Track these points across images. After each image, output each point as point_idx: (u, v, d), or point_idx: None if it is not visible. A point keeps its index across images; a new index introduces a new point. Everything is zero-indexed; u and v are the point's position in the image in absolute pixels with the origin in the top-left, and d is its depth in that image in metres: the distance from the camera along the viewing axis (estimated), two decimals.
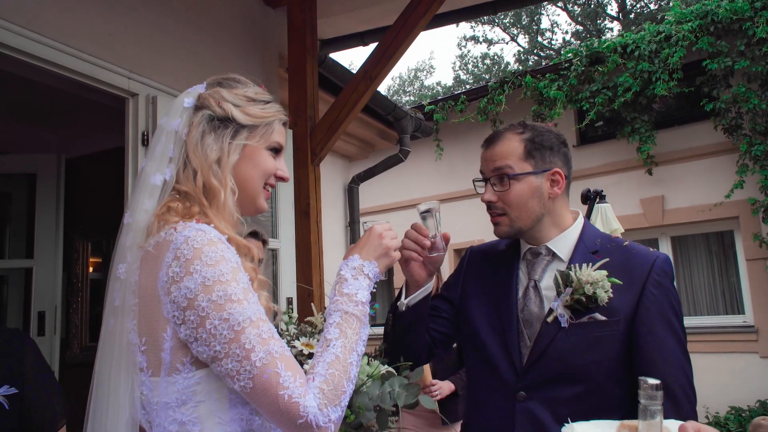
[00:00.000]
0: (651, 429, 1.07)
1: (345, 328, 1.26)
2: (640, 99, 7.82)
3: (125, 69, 3.35)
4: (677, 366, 1.63)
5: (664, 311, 1.66)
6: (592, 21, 24.21)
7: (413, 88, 30.43)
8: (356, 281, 1.34)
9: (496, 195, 1.78)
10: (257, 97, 1.41)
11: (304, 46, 4.18)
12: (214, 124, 1.34)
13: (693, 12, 7.59)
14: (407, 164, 7.44)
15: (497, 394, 1.74)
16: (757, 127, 7.07)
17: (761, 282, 7.34)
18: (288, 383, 1.12)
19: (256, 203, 1.40)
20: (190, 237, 1.17)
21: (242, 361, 1.12)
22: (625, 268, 1.69)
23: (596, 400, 1.63)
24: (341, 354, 1.22)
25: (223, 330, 1.13)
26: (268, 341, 1.15)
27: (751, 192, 7.21)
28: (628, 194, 8.11)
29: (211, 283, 1.14)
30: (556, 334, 1.67)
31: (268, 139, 1.39)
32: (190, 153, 1.32)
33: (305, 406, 1.12)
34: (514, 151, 1.78)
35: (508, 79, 8.81)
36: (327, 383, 1.17)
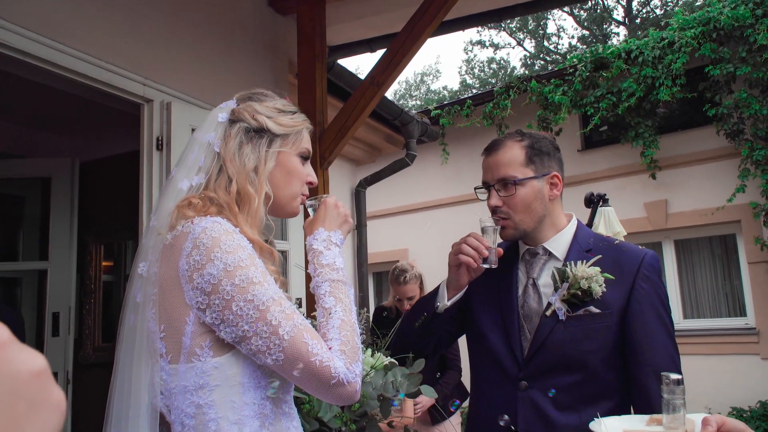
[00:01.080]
0: (674, 422, 1.16)
1: (338, 294, 1.38)
2: (643, 104, 7.91)
3: (140, 75, 3.47)
4: (665, 354, 1.76)
5: (654, 303, 1.80)
6: (598, 26, 24.29)
7: (420, 93, 30.55)
8: (329, 251, 1.45)
9: (501, 200, 1.91)
10: (286, 108, 1.53)
11: (313, 53, 4.29)
12: (251, 135, 1.45)
13: (696, 19, 7.68)
14: (413, 168, 7.54)
15: (500, 384, 1.87)
16: (758, 132, 7.15)
17: (763, 285, 7.41)
18: (316, 350, 1.24)
19: (290, 207, 1.52)
20: (207, 227, 1.27)
21: (270, 337, 1.23)
22: (617, 264, 1.82)
23: (592, 387, 1.77)
24: (345, 317, 1.34)
25: (249, 310, 1.23)
26: (292, 316, 1.26)
27: (752, 196, 7.29)
28: (632, 198, 8.19)
29: (232, 268, 1.23)
30: (554, 327, 1.80)
31: (299, 146, 1.51)
32: (227, 162, 1.43)
33: (335, 367, 1.24)
34: (516, 158, 1.92)
35: (513, 84, 8.91)
36: (344, 345, 1.29)
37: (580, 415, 1.75)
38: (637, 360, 1.77)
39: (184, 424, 1.28)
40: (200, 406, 1.26)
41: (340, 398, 1.28)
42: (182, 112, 3.61)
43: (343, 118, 4.25)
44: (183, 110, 3.62)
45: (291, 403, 1.43)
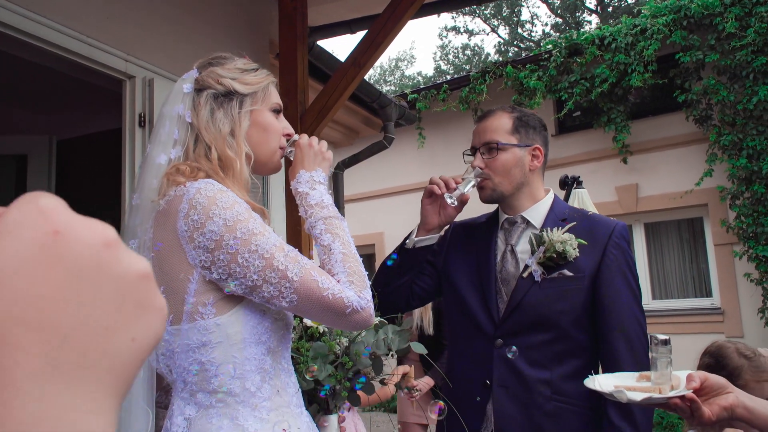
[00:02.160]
0: (661, 378, 1.26)
1: (333, 230, 1.42)
2: (616, 90, 8.08)
3: (123, 51, 3.46)
4: (631, 315, 1.90)
5: (622, 269, 1.94)
6: (571, 13, 24.51)
7: (394, 78, 30.53)
8: (315, 191, 1.48)
9: (484, 162, 2.04)
10: (247, 67, 1.54)
11: (295, 33, 4.32)
12: (220, 100, 1.46)
13: (667, 6, 7.86)
14: (390, 152, 7.59)
15: (478, 343, 1.99)
16: (725, 118, 7.37)
17: (728, 266, 7.67)
18: (327, 284, 1.29)
19: (273, 162, 1.55)
20: (201, 188, 1.29)
21: (281, 281, 1.27)
22: (589, 232, 1.96)
23: (562, 346, 1.91)
24: (345, 250, 1.38)
25: (254, 260, 1.26)
26: (297, 258, 1.30)
27: (719, 180, 7.52)
28: (604, 182, 8.38)
29: (232, 223, 1.26)
30: (530, 288, 1.93)
31: (269, 102, 1.52)
32: (202, 131, 1.44)
33: (347, 297, 1.29)
34: (503, 126, 2.05)
35: (489, 69, 9.01)
36: (351, 275, 1.34)
37: (550, 371, 1.89)
38: (606, 321, 1.90)
39: (186, 381, 1.31)
40: (203, 363, 1.29)
41: (357, 324, 1.34)
42: (165, 89, 3.61)
43: (325, 98, 4.29)
44: (166, 87, 3.62)
45: (289, 359, 1.48)
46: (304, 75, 4.39)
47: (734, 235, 7.39)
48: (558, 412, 1.87)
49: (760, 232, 7.00)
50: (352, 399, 1.72)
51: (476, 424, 1.91)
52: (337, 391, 1.70)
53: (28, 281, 0.29)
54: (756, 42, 7.04)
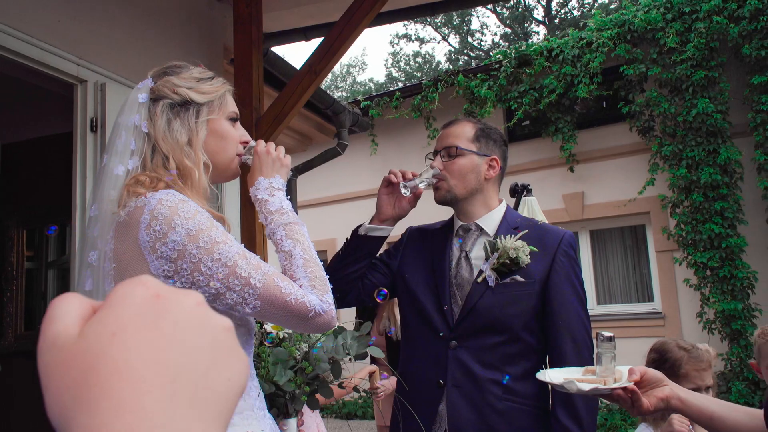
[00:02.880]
0: (606, 371, 1.36)
1: (294, 235, 1.44)
2: (563, 100, 8.32)
3: (74, 55, 3.39)
4: (578, 319, 2.01)
5: (569, 275, 2.05)
6: (519, 24, 25.08)
7: (346, 84, 30.58)
8: (274, 197, 1.50)
9: (443, 164, 2.13)
10: (203, 76, 1.54)
11: (250, 39, 4.30)
12: (177, 109, 1.46)
13: (612, 21, 8.14)
14: (343, 159, 7.61)
15: (432, 344, 2.06)
16: (666, 129, 7.68)
17: (668, 272, 7.98)
18: (289, 289, 1.31)
19: (230, 170, 1.56)
20: (163, 198, 1.29)
21: (244, 288, 1.28)
22: (540, 240, 2.06)
23: (513, 348, 1.99)
24: (306, 255, 1.41)
25: (217, 269, 1.27)
26: (260, 265, 1.31)
27: (660, 189, 7.83)
28: (552, 190, 8.60)
29: (194, 232, 1.27)
30: (484, 292, 2.01)
31: (226, 110, 1.53)
32: (159, 141, 1.43)
33: (310, 301, 1.32)
34: (465, 133, 2.16)
35: (441, 77, 9.15)
36: (312, 280, 1.37)
37: (501, 372, 1.97)
38: (554, 323, 2.00)
39: None
40: None
41: (320, 327, 1.36)
42: (117, 94, 3.55)
43: (280, 104, 4.28)
44: (118, 92, 3.56)
45: (251, 363, 1.50)
46: (259, 81, 4.37)
47: (674, 242, 7.69)
48: (509, 411, 1.94)
49: (699, 239, 7.31)
50: (311, 403, 1.74)
51: (429, 423, 1.98)
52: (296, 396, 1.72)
53: (142, 330, 0.34)
54: (695, 56, 7.37)
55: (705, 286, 7.38)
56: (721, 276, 7.17)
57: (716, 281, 7.23)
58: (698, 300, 7.47)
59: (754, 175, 7.31)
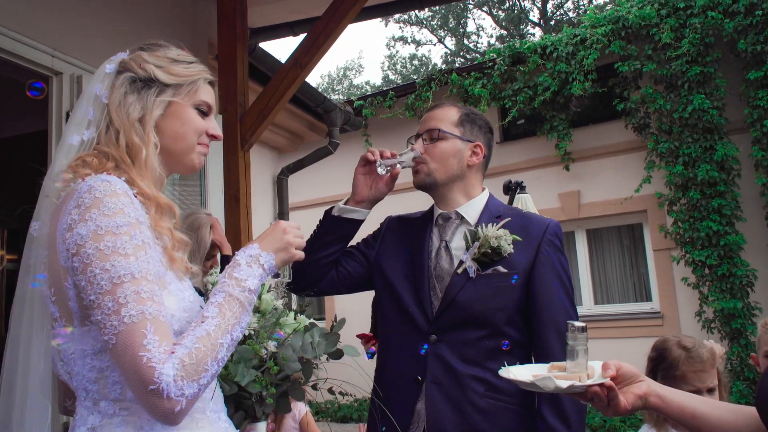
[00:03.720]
0: (577, 367, 1.22)
1: (225, 310, 1.23)
2: (558, 98, 8.22)
3: (49, 47, 3.28)
4: (564, 312, 1.89)
5: (555, 266, 1.94)
6: (515, 26, 25.02)
7: (342, 87, 30.51)
8: (249, 268, 1.31)
9: (424, 147, 2.04)
10: (180, 58, 1.45)
11: (234, 33, 4.20)
12: (137, 84, 1.38)
13: (606, 17, 8.05)
14: (336, 159, 7.52)
15: (411, 338, 1.95)
16: (662, 126, 7.58)
17: (666, 271, 7.87)
18: (151, 346, 1.10)
19: (187, 160, 1.44)
20: (94, 186, 1.19)
21: (111, 316, 1.12)
22: (524, 230, 1.95)
23: (495, 342, 1.88)
24: (213, 332, 1.18)
25: (101, 280, 1.13)
26: (145, 301, 1.14)
27: (657, 186, 7.72)
28: (547, 189, 8.50)
29: (102, 232, 1.15)
30: (465, 284, 1.90)
31: (194, 97, 1.42)
32: (112, 114, 1.35)
33: (161, 372, 1.09)
34: (449, 117, 2.07)
35: (434, 76, 9.06)
36: (190, 356, 1.13)
37: (483, 368, 1.85)
38: (539, 317, 1.90)
39: (87, 389, 1.21)
40: (101, 370, 1.19)
41: (155, 410, 1.11)
42: None
43: (266, 99, 4.18)
44: None
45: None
46: (244, 76, 4.27)
47: (672, 240, 7.59)
48: (491, 409, 1.84)
49: (696, 237, 7.20)
50: (280, 406, 1.62)
51: (405, 423, 1.86)
52: (263, 398, 1.60)
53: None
54: (690, 52, 7.28)
55: (704, 285, 7.27)
56: (719, 274, 7.06)
57: (715, 279, 7.12)
58: (697, 299, 7.36)
59: (751, 171, 7.21)
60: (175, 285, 1.30)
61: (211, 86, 1.50)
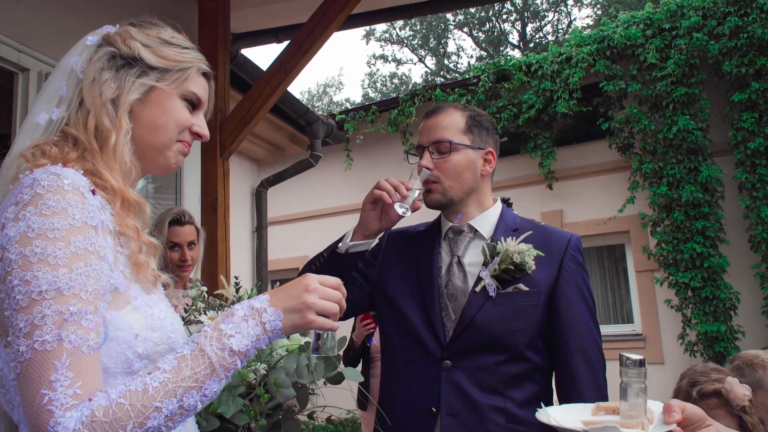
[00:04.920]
0: (634, 410, 0.98)
1: (184, 366, 0.98)
2: (542, 116, 8.15)
3: (15, 41, 3.07)
4: (590, 334, 1.75)
5: (579, 284, 1.78)
6: (495, 47, 25.20)
7: (322, 104, 30.40)
8: (243, 323, 1.06)
9: (433, 162, 1.83)
10: (174, 41, 1.28)
11: (216, 35, 4.03)
12: (117, 61, 1.20)
13: (591, 36, 8.04)
14: (317, 173, 7.32)
15: (422, 365, 1.75)
16: (647, 146, 7.53)
17: (648, 292, 7.78)
18: (58, 385, 0.90)
19: (162, 158, 1.25)
20: (38, 180, 1.00)
21: (20, 338, 0.92)
22: (544, 243, 1.78)
23: (517, 368, 1.70)
24: (153, 390, 0.94)
25: (19, 294, 0.93)
26: (68, 325, 0.93)
27: (641, 207, 7.65)
28: (531, 207, 8.38)
29: (33, 234, 0.96)
30: (484, 304, 1.72)
31: (181, 86, 1.24)
32: (85, 91, 1.17)
33: (57, 422, 0.88)
34: (456, 124, 1.86)
35: (418, 92, 8.95)
36: (106, 414, 0.90)
37: (504, 396, 1.68)
38: (564, 340, 1.73)
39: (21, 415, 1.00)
40: None
41: None
42: None
43: (247, 105, 4.00)
44: None
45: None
46: (224, 80, 4.09)
47: (655, 261, 7.50)
48: None
49: (680, 258, 7.13)
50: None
51: None
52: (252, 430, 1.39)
53: None
54: (675, 73, 7.26)
55: (687, 307, 7.17)
56: (703, 297, 6.97)
57: (698, 302, 7.03)
58: (680, 321, 7.26)
59: (735, 193, 7.18)
60: (142, 299, 1.11)
61: (206, 79, 1.31)
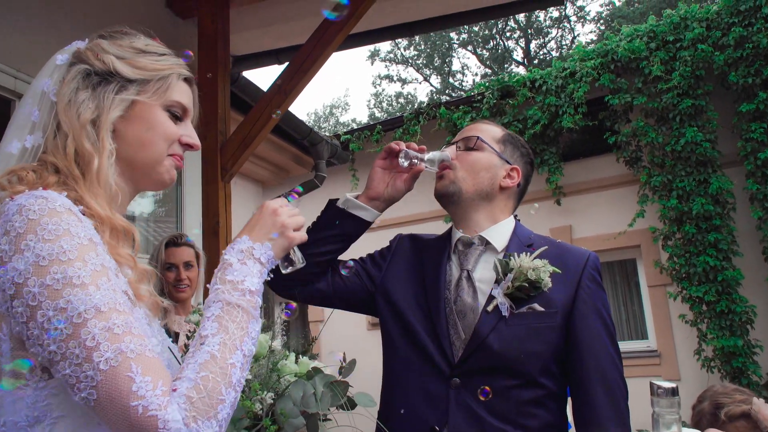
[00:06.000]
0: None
1: (226, 322, 1.02)
2: (548, 131, 8.09)
3: (11, 67, 3.05)
4: (610, 360, 1.63)
5: (598, 305, 1.68)
6: (499, 65, 25.26)
7: (329, 125, 30.52)
8: (244, 266, 1.10)
9: (456, 153, 1.82)
10: (149, 49, 1.21)
11: (216, 57, 4.00)
12: (92, 79, 1.14)
13: (595, 51, 8.00)
14: (322, 194, 7.26)
15: (428, 378, 1.66)
16: (654, 159, 7.44)
17: (662, 307, 7.64)
18: (144, 391, 0.88)
19: (154, 173, 1.19)
20: (25, 206, 0.95)
21: (82, 365, 0.88)
22: (560, 261, 1.68)
23: (530, 394, 1.60)
24: (219, 353, 0.98)
25: (58, 323, 0.89)
26: (122, 337, 0.91)
27: (651, 221, 7.54)
28: (539, 224, 8.28)
29: (46, 263, 0.91)
30: (496, 324, 1.62)
31: (164, 96, 1.18)
32: (61, 114, 1.10)
33: (165, 420, 0.88)
34: (492, 132, 1.87)
35: (422, 110, 8.93)
36: (197, 390, 0.93)
37: (513, 424, 1.57)
38: (582, 365, 1.62)
39: None
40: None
41: None
42: None
43: (248, 127, 3.96)
44: None
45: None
46: (225, 102, 4.06)
47: (668, 275, 7.37)
48: None
49: (693, 272, 7.00)
50: None
51: None
52: None
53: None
54: (681, 85, 7.19)
55: (702, 322, 7.03)
56: (718, 311, 6.82)
57: (713, 316, 6.88)
58: (695, 336, 7.11)
59: (746, 205, 7.06)
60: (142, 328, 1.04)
61: (188, 84, 1.25)
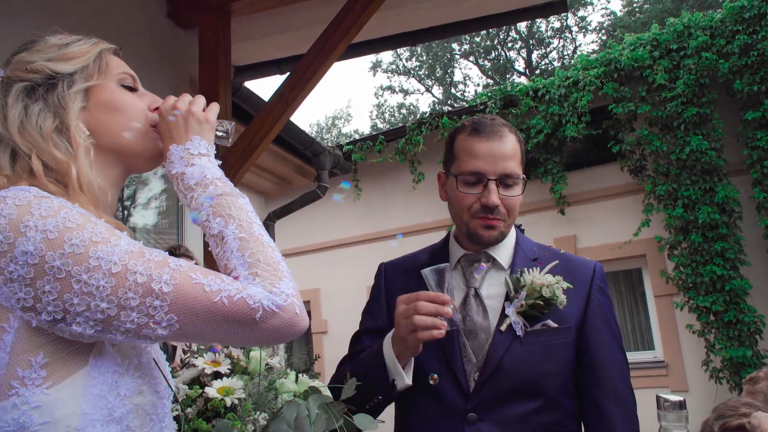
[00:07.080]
0: None
1: (224, 210, 1.05)
2: (551, 141, 8.05)
3: None
4: (623, 376, 1.59)
5: (608, 319, 1.63)
6: (501, 75, 25.28)
7: (331, 136, 30.55)
8: (194, 167, 1.10)
9: (499, 198, 1.60)
10: (64, 41, 1.16)
11: (216, 68, 3.96)
12: (37, 91, 1.08)
13: (598, 60, 7.98)
14: (325, 205, 7.23)
15: (441, 418, 1.55)
16: (659, 168, 7.40)
17: (668, 317, 7.56)
18: (217, 285, 0.93)
19: (147, 150, 1.15)
20: (8, 197, 0.92)
21: (145, 299, 0.90)
22: (568, 274, 1.61)
23: (551, 417, 1.53)
24: (243, 233, 1.03)
25: (99, 280, 0.89)
26: (165, 261, 0.94)
27: (656, 230, 7.48)
28: (543, 233, 8.21)
29: (56, 234, 0.89)
30: (511, 344, 1.54)
31: (111, 73, 1.15)
32: (17, 139, 1.04)
33: (251, 296, 0.94)
34: (518, 153, 1.66)
35: (425, 120, 8.90)
36: (254, 265, 0.98)
37: None
38: (597, 381, 1.56)
39: None
40: None
41: (278, 332, 0.95)
42: None
43: (249, 137, 3.92)
44: None
45: None
46: (226, 113, 4.01)
47: (674, 285, 7.30)
48: None
49: (700, 282, 6.93)
50: None
51: None
52: None
53: None
54: (685, 93, 7.16)
55: (709, 332, 6.95)
56: (726, 321, 6.74)
57: (721, 326, 6.80)
58: (703, 347, 7.02)
59: (753, 213, 7.00)
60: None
61: (119, 57, 1.22)
